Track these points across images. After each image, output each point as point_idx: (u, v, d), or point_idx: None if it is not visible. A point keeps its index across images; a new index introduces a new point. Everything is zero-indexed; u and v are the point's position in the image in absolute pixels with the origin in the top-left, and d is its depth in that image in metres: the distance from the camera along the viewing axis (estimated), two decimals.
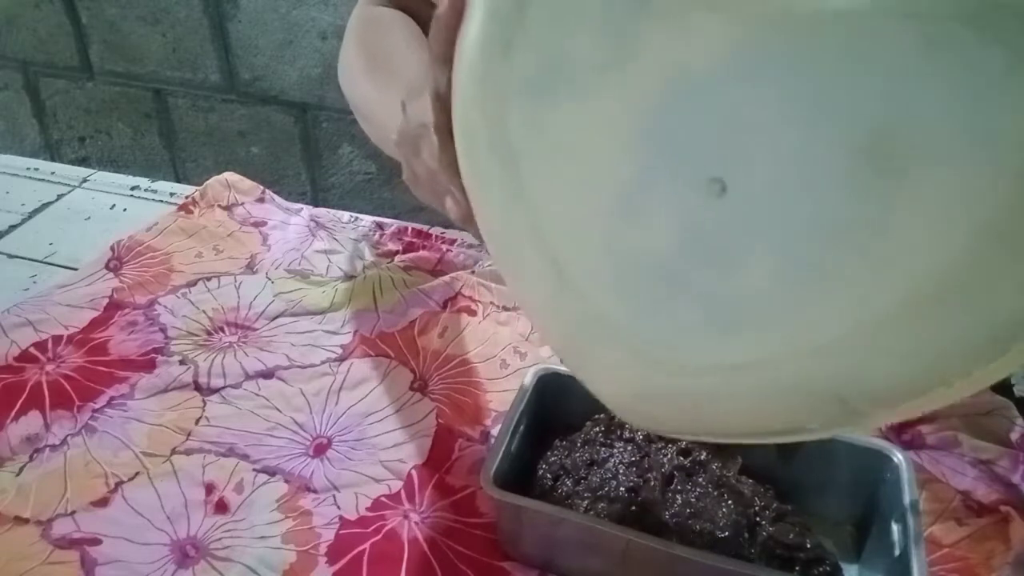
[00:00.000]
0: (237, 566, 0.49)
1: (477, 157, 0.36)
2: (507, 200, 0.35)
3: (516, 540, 0.49)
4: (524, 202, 0.34)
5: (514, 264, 0.37)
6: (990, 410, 0.57)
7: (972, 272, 0.24)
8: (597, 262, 0.33)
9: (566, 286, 0.34)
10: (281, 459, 0.56)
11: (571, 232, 0.34)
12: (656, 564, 0.44)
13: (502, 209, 0.36)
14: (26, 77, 1.07)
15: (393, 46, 0.62)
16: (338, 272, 0.75)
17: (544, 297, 0.36)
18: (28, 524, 0.51)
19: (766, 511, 0.46)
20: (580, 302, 0.34)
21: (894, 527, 0.45)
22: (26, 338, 0.66)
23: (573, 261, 0.34)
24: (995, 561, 0.48)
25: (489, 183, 0.36)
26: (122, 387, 0.61)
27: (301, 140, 0.97)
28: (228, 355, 0.64)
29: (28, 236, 0.82)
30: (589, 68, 0.31)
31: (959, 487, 0.53)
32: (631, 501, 0.46)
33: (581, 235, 0.33)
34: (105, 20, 0.99)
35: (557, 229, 0.34)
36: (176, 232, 0.79)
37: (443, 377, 0.63)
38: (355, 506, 0.53)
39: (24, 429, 0.58)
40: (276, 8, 0.90)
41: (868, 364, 0.27)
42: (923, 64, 0.24)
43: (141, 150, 1.06)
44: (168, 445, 0.57)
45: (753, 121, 0.28)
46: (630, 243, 0.32)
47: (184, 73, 0.99)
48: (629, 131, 0.30)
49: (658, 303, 0.32)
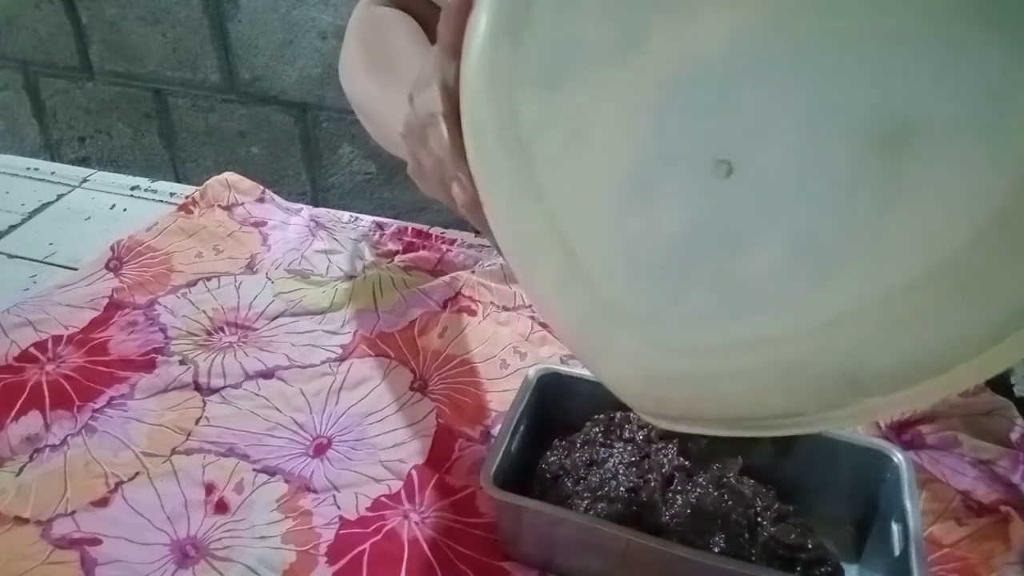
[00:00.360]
0: (237, 566, 0.49)
1: (485, 147, 0.36)
2: (516, 189, 0.35)
3: (516, 540, 0.49)
4: (534, 190, 0.35)
5: (523, 254, 0.37)
6: (990, 410, 0.57)
7: (973, 260, 0.24)
8: (608, 248, 0.33)
9: (577, 273, 0.34)
10: (281, 459, 0.56)
11: (582, 219, 0.34)
12: (656, 564, 0.44)
13: (511, 198, 0.36)
14: (26, 77, 1.07)
15: (395, 45, 0.62)
16: (338, 272, 0.75)
17: (555, 285, 0.36)
18: (28, 524, 0.51)
19: (767, 512, 0.46)
20: (591, 288, 0.34)
21: (894, 527, 0.45)
22: (26, 338, 0.66)
23: (584, 248, 0.34)
24: (995, 561, 0.48)
25: (498, 173, 0.36)
26: (122, 387, 0.61)
27: (301, 140, 0.97)
28: (228, 355, 0.64)
29: (28, 236, 0.82)
30: (597, 56, 0.31)
31: (959, 487, 0.53)
32: (631, 501, 0.46)
33: (592, 222, 0.34)
34: (105, 20, 0.99)
35: (568, 216, 0.34)
36: (176, 232, 0.79)
37: (443, 377, 0.63)
38: (355, 506, 0.53)
39: (24, 429, 0.58)
40: (276, 8, 0.90)
41: (873, 342, 0.27)
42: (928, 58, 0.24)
43: (141, 150, 1.06)
44: (168, 445, 0.57)
45: (760, 108, 0.28)
46: (641, 228, 0.32)
47: (184, 73, 0.99)
48: (637, 117, 0.31)
49: (669, 286, 0.32)
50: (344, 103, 0.62)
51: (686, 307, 0.32)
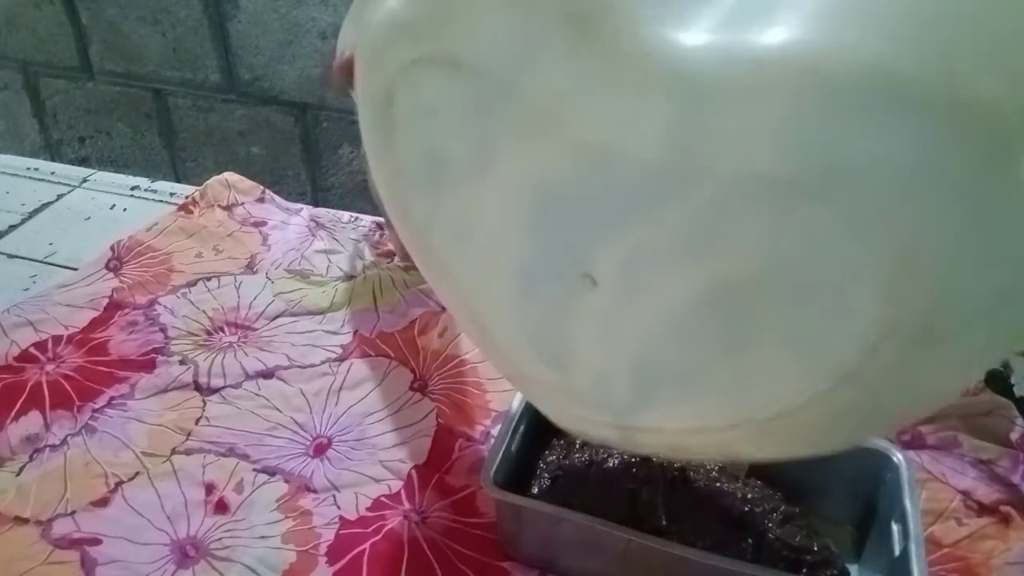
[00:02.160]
0: (237, 566, 0.49)
1: (397, 226, 0.38)
2: (428, 268, 0.37)
3: (516, 540, 0.49)
4: (441, 271, 0.37)
5: (455, 317, 0.40)
6: (990, 410, 0.57)
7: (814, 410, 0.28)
8: (511, 330, 0.35)
9: (494, 347, 0.38)
10: (281, 459, 0.56)
11: (487, 304, 0.36)
12: (656, 564, 0.44)
13: (427, 270, 0.38)
14: (26, 77, 1.07)
15: None
16: (338, 272, 0.75)
17: (480, 348, 0.40)
18: (28, 524, 0.51)
19: (773, 513, 0.46)
20: (507, 361, 0.38)
21: (894, 527, 0.45)
22: (26, 338, 0.66)
23: (492, 326, 0.36)
24: (995, 561, 0.48)
25: (412, 249, 0.38)
26: (122, 387, 0.61)
27: (301, 140, 0.97)
28: (228, 355, 0.64)
29: (28, 236, 0.82)
30: (458, 170, 0.32)
31: (959, 487, 0.53)
32: (631, 502, 0.46)
33: (495, 308, 0.35)
34: (105, 20, 0.98)
35: (475, 300, 0.36)
36: (176, 232, 0.79)
37: (443, 377, 0.63)
38: (355, 506, 0.53)
39: (24, 429, 0.58)
40: (276, 8, 0.90)
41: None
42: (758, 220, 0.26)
43: (141, 150, 1.06)
44: (168, 445, 0.57)
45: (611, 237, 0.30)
46: (533, 320, 0.34)
47: (184, 73, 0.99)
48: (511, 226, 0.32)
49: (566, 372, 0.35)
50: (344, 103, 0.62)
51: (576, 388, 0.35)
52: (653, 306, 0.29)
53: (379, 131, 0.34)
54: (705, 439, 0.32)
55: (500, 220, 0.32)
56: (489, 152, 0.30)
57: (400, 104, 0.32)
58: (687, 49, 0.24)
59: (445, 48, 0.29)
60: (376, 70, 0.33)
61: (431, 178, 0.33)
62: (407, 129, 0.33)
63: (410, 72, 0.31)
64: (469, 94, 0.29)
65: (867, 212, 0.23)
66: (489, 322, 0.36)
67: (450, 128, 0.31)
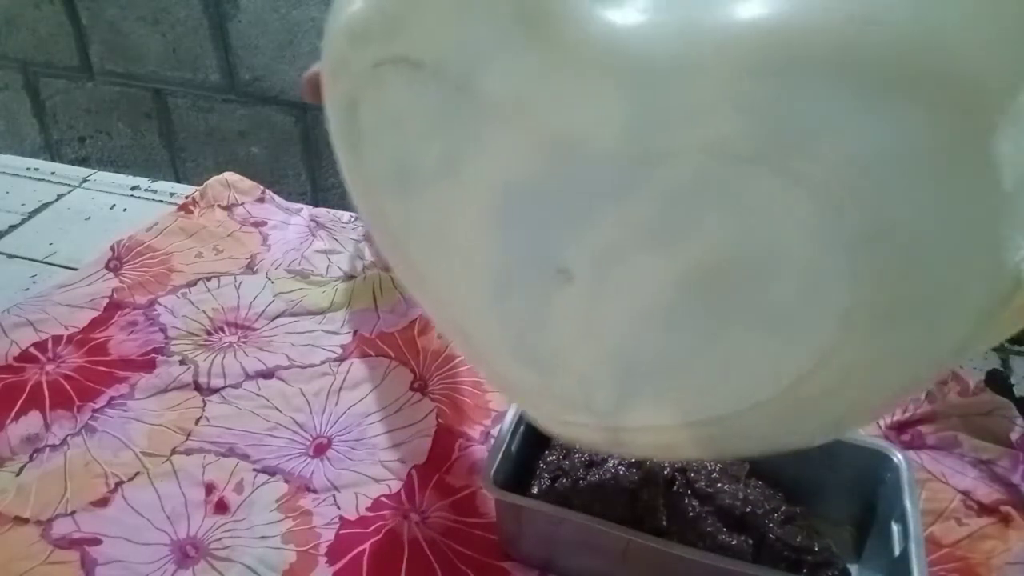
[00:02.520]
0: (237, 566, 0.49)
1: (377, 237, 0.38)
2: (407, 277, 0.37)
3: (516, 540, 0.49)
4: (419, 280, 0.36)
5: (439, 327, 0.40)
6: (990, 410, 0.57)
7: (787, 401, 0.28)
8: (492, 335, 0.35)
9: (477, 355, 0.37)
10: (281, 459, 0.56)
11: (465, 308, 0.36)
12: (656, 564, 0.44)
13: (408, 283, 0.38)
14: (26, 77, 1.07)
15: None
16: (338, 272, 0.75)
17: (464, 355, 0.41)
18: (28, 524, 0.51)
19: (774, 513, 0.46)
20: (491, 368, 0.38)
21: (894, 527, 0.45)
22: (26, 338, 0.66)
23: (473, 333, 0.36)
24: (995, 561, 0.48)
25: (392, 261, 0.38)
26: (122, 387, 0.61)
27: (301, 140, 0.97)
28: (228, 355, 0.64)
29: (28, 236, 0.82)
30: (427, 175, 0.32)
31: (959, 487, 0.53)
32: (631, 502, 0.46)
33: (473, 312, 0.35)
34: (105, 20, 0.99)
35: (454, 305, 0.36)
36: (176, 232, 0.79)
37: (443, 377, 0.63)
38: (355, 506, 0.53)
39: (24, 429, 0.58)
40: (276, 8, 0.90)
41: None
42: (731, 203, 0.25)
43: (141, 150, 1.06)
44: (168, 445, 0.57)
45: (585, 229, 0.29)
46: (512, 323, 0.34)
47: (184, 73, 0.99)
48: (482, 229, 0.32)
49: (548, 375, 0.34)
50: None
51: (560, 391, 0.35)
52: (629, 298, 0.29)
53: (346, 140, 0.34)
54: (690, 435, 0.31)
55: (471, 223, 0.31)
56: (455, 154, 0.30)
57: (364, 111, 0.32)
58: (629, 29, 0.24)
59: (405, 50, 0.29)
60: (339, 78, 0.33)
61: (400, 185, 0.33)
62: (373, 136, 0.32)
63: (372, 77, 0.30)
64: (431, 96, 0.29)
65: (835, 187, 0.23)
66: (470, 329, 0.36)
67: (415, 132, 0.31)
